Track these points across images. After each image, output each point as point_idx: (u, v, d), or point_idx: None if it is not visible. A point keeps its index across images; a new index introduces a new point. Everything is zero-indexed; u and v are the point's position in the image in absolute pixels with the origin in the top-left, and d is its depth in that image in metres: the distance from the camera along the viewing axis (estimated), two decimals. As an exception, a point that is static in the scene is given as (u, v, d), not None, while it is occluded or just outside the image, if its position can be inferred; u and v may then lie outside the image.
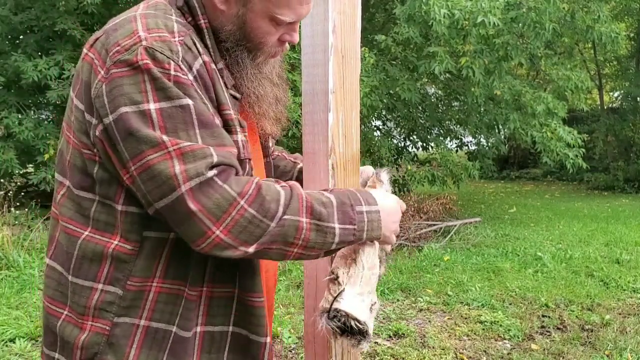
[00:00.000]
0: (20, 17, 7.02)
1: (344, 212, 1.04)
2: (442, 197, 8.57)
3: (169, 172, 0.93)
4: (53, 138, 6.44)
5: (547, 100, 7.71)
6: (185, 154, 0.93)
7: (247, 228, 0.95)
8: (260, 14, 1.07)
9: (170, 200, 0.94)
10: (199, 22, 1.08)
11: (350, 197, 1.07)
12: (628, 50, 14.56)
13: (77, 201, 1.06)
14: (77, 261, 1.05)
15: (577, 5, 7.60)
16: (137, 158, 0.94)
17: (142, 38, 0.97)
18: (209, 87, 1.02)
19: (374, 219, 1.09)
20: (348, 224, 1.04)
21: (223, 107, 1.04)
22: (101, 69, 0.98)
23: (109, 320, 1.02)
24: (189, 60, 0.99)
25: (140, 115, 0.94)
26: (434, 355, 3.53)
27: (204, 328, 1.07)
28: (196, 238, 0.95)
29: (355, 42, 1.28)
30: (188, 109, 0.96)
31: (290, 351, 3.56)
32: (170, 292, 1.04)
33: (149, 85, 0.95)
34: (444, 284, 5.06)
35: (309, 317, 1.30)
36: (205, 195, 0.93)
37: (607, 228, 7.99)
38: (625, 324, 4.09)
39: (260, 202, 0.96)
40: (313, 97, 1.23)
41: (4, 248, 4.95)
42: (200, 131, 0.96)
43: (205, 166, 0.93)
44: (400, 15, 6.77)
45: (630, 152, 14.61)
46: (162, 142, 0.93)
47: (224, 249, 0.96)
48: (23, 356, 3.34)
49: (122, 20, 1.03)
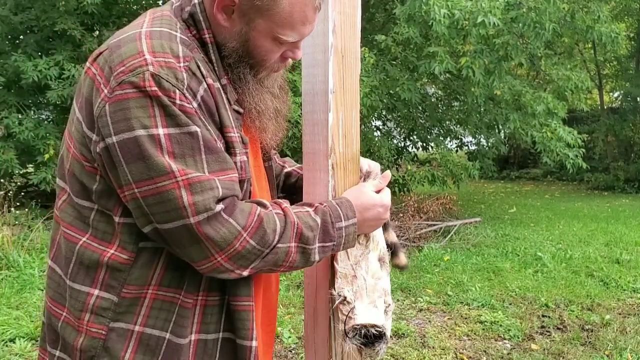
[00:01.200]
0: (20, 17, 7.02)
1: (326, 231, 1.11)
2: (442, 197, 8.55)
3: (177, 203, 0.96)
4: (53, 138, 6.43)
5: (547, 101, 7.71)
6: (193, 184, 0.96)
7: (246, 257, 1.01)
8: (264, 34, 1.07)
9: (176, 226, 0.97)
10: (203, 36, 1.08)
11: (332, 214, 1.13)
12: (628, 50, 14.55)
13: (77, 208, 1.07)
14: (75, 266, 1.06)
15: (577, 5, 7.60)
16: (144, 183, 0.96)
17: (149, 62, 0.97)
18: (212, 112, 1.03)
19: (350, 232, 1.15)
20: (328, 242, 1.12)
21: (227, 130, 1.05)
22: (104, 87, 0.98)
23: (105, 325, 1.04)
24: (194, 88, 1.00)
25: (151, 140, 0.95)
26: (434, 355, 3.53)
27: (198, 336, 1.08)
28: (198, 260, 1.00)
29: (355, 42, 1.28)
30: (196, 136, 0.98)
31: (290, 351, 3.56)
32: (165, 299, 1.05)
33: (157, 111, 0.96)
34: (444, 284, 5.06)
35: (309, 317, 1.30)
36: (213, 228, 0.97)
37: (607, 228, 7.99)
38: (625, 324, 4.09)
39: (262, 235, 1.02)
40: (313, 97, 1.23)
41: (4, 248, 4.95)
42: (206, 157, 0.99)
43: (212, 200, 0.97)
44: (400, 15, 6.77)
45: (630, 152, 14.62)
46: (171, 171, 0.95)
47: (222, 272, 1.02)
48: (23, 356, 3.34)
49: (127, 37, 1.02)
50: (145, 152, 0.95)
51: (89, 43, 6.70)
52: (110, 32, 6.66)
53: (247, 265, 1.02)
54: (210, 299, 1.09)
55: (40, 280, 4.61)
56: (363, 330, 1.10)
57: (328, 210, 1.13)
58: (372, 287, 1.18)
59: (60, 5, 6.59)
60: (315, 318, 1.29)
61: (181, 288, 1.05)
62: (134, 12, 7.92)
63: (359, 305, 1.15)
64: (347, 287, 1.18)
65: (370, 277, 1.18)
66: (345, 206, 1.16)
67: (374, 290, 1.18)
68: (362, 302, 1.16)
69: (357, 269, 1.19)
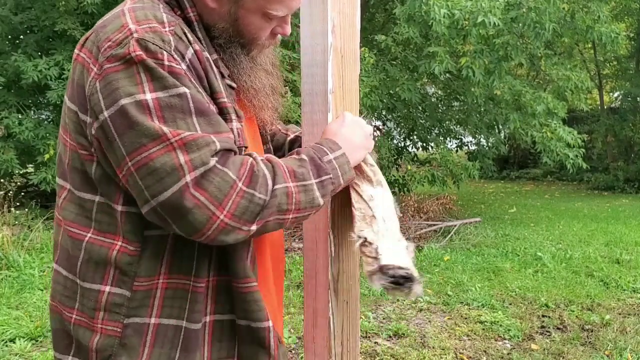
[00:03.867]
0: (20, 17, 7.02)
1: (317, 165, 1.07)
2: (442, 197, 8.56)
3: (173, 164, 0.92)
4: (53, 138, 6.43)
5: (547, 101, 7.71)
6: (188, 143, 0.92)
7: (248, 208, 0.96)
8: (253, 11, 1.07)
9: (172, 192, 0.92)
10: (187, 15, 1.07)
11: (316, 151, 1.10)
12: (628, 50, 14.54)
13: (79, 203, 1.05)
14: (83, 264, 1.04)
15: (577, 5, 7.60)
16: (137, 152, 0.93)
17: (133, 30, 0.96)
18: (201, 76, 1.02)
19: (343, 162, 1.12)
20: (324, 175, 1.07)
21: (217, 95, 1.04)
22: (94, 66, 0.97)
23: (120, 322, 1.02)
24: (181, 50, 0.98)
25: (138, 107, 0.92)
26: (434, 355, 3.53)
27: (213, 317, 1.07)
28: (201, 227, 0.94)
29: (355, 42, 1.28)
30: (185, 97, 0.95)
31: (290, 351, 3.56)
32: (178, 287, 1.03)
33: (144, 76, 0.93)
34: (444, 284, 5.06)
35: (308, 317, 1.30)
36: (207, 180, 0.93)
37: (607, 228, 7.99)
38: (625, 324, 4.09)
39: (256, 181, 0.97)
40: (312, 97, 1.23)
41: (4, 248, 4.95)
42: (197, 119, 0.95)
43: (209, 154, 0.93)
44: (400, 16, 6.77)
45: (630, 152, 14.61)
46: (163, 134, 0.92)
47: (229, 232, 0.95)
48: (23, 356, 3.34)
49: (111, 16, 1.02)
50: (134, 119, 0.92)
51: (89, 43, 6.69)
52: (110, 32, 6.66)
53: (252, 219, 0.96)
54: (222, 279, 1.07)
55: (40, 280, 4.61)
56: (391, 271, 1.08)
57: (310, 150, 1.10)
58: (391, 230, 1.16)
59: (60, 5, 6.58)
60: (315, 318, 1.29)
61: (190, 274, 1.04)
62: (134, 12, 7.91)
63: (382, 245, 1.12)
64: (367, 228, 1.15)
65: (387, 220, 1.16)
66: (325, 142, 1.13)
67: (393, 232, 1.15)
68: (384, 242, 1.13)
69: (374, 208, 1.16)
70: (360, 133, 1.20)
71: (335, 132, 1.17)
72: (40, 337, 3.58)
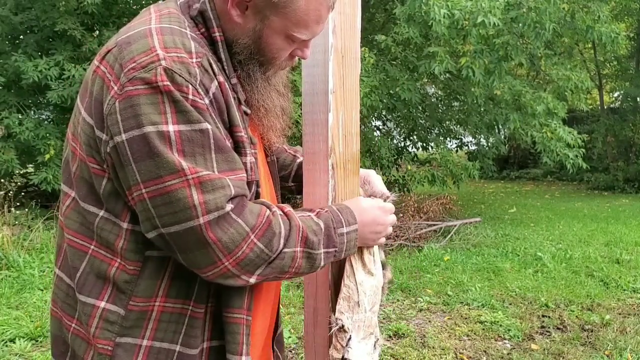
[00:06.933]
0: (20, 17, 7.02)
1: (329, 236, 1.09)
2: (442, 197, 8.56)
3: (187, 202, 0.92)
4: (53, 138, 6.43)
5: (547, 101, 7.71)
6: (204, 183, 0.93)
7: (253, 261, 0.98)
8: (277, 31, 1.06)
9: (183, 229, 0.93)
10: (213, 34, 1.06)
11: (334, 219, 1.11)
12: (628, 50, 14.53)
13: (83, 214, 1.04)
14: (82, 277, 1.04)
15: (577, 5, 7.60)
16: (153, 182, 0.93)
17: (161, 57, 0.94)
18: (222, 109, 1.01)
19: (351, 239, 1.14)
20: (331, 248, 1.09)
21: (236, 129, 1.03)
22: (114, 84, 0.95)
23: (111, 341, 1.01)
24: (206, 84, 0.98)
25: (160, 137, 0.92)
26: (434, 355, 3.54)
27: (210, 343, 1.07)
28: (204, 266, 0.96)
29: (355, 42, 1.28)
30: (207, 134, 0.95)
31: (290, 351, 3.56)
32: (174, 311, 1.02)
33: (168, 107, 0.93)
34: (444, 284, 5.07)
35: (309, 317, 1.30)
36: (222, 229, 0.94)
37: (607, 228, 7.99)
38: (625, 324, 4.09)
39: (270, 238, 0.99)
40: (313, 97, 1.23)
41: (4, 248, 4.95)
42: (216, 156, 0.96)
43: (224, 199, 0.94)
44: (400, 16, 6.77)
45: (630, 152, 14.61)
46: (182, 169, 0.92)
47: (228, 278, 0.98)
48: (23, 356, 3.34)
49: (136, 33, 0.99)
50: (155, 150, 0.92)
51: (89, 43, 6.69)
52: (110, 32, 6.66)
53: (253, 271, 0.98)
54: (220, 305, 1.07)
55: (40, 280, 4.61)
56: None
57: (329, 215, 1.11)
58: (369, 321, 1.22)
59: (61, 5, 6.58)
60: (315, 318, 1.29)
61: (190, 298, 1.03)
62: (134, 12, 7.91)
63: (354, 337, 1.19)
64: (347, 313, 1.20)
65: (369, 311, 1.22)
66: (345, 212, 1.14)
67: (370, 325, 1.22)
68: (358, 334, 1.20)
69: (361, 294, 1.21)
70: (380, 226, 1.22)
71: (362, 208, 1.18)
72: (40, 337, 3.58)
